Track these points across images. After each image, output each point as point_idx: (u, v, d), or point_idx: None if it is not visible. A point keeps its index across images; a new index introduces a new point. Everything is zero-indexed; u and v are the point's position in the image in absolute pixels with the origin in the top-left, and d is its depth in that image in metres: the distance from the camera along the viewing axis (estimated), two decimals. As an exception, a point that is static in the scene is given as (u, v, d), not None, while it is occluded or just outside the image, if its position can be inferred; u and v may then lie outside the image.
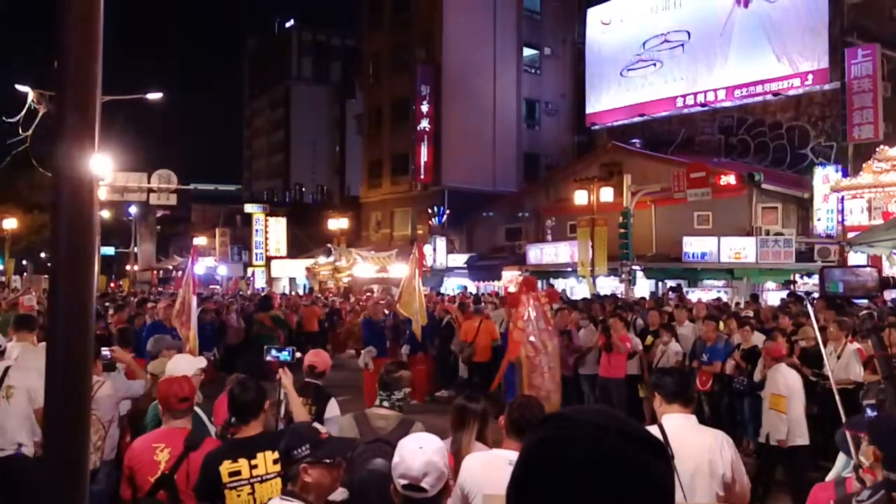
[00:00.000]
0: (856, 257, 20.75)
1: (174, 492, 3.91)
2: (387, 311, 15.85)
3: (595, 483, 0.96)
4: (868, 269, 3.37)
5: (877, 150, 22.14)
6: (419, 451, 2.62)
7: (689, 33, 33.02)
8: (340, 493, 3.29)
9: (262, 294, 24.41)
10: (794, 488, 7.56)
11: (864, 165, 22.71)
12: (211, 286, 37.39)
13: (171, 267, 48.02)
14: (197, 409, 5.05)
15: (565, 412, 1.07)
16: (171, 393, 4.31)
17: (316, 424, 3.25)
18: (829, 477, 4.09)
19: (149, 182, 27.10)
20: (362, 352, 13.30)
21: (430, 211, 34.85)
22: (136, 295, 24.89)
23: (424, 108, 37.33)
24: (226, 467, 3.90)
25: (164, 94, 26.40)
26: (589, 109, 37.64)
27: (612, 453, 0.97)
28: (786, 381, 8.08)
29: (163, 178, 27.67)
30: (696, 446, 3.68)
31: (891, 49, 26.51)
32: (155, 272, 48.08)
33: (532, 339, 7.38)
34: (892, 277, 3.01)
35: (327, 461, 3.04)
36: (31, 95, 19.64)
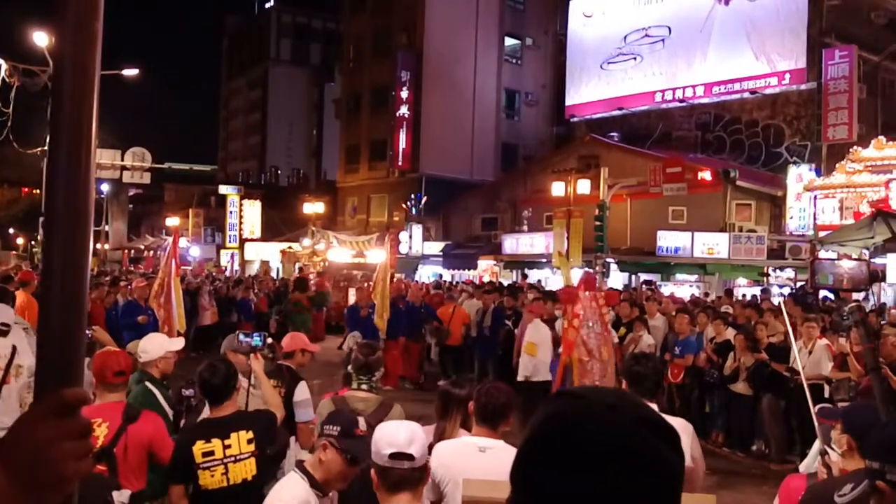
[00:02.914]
0: (826, 256, 21.04)
1: (113, 465, 3.88)
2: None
3: (605, 462, 0.94)
4: (857, 262, 3.42)
5: (850, 150, 22.39)
6: (401, 424, 2.69)
7: (669, 29, 33.17)
8: None
9: (297, 276, 24.25)
10: (527, 416, 7.95)
11: (837, 166, 22.97)
12: (182, 267, 36.96)
13: (142, 246, 47.45)
14: (151, 385, 5.02)
15: (577, 390, 1.07)
16: (106, 366, 4.24)
17: (360, 419, 3.24)
18: (802, 468, 4.16)
19: (122, 159, 26.79)
20: (347, 336, 13.31)
21: (407, 199, 34.78)
22: (108, 274, 24.60)
23: (404, 94, 37.19)
24: (199, 447, 3.92)
25: (140, 70, 26.03)
26: (568, 101, 37.73)
27: (624, 434, 0.96)
28: (538, 333, 10.44)
29: (137, 156, 27.36)
30: None
31: (868, 51, 26.83)
32: (126, 251, 47.48)
33: (586, 341, 6.99)
34: (881, 271, 3.06)
35: (344, 453, 3.06)
36: (3, 68, 19.28)
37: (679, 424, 3.90)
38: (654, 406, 3.93)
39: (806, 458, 4.27)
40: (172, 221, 44.93)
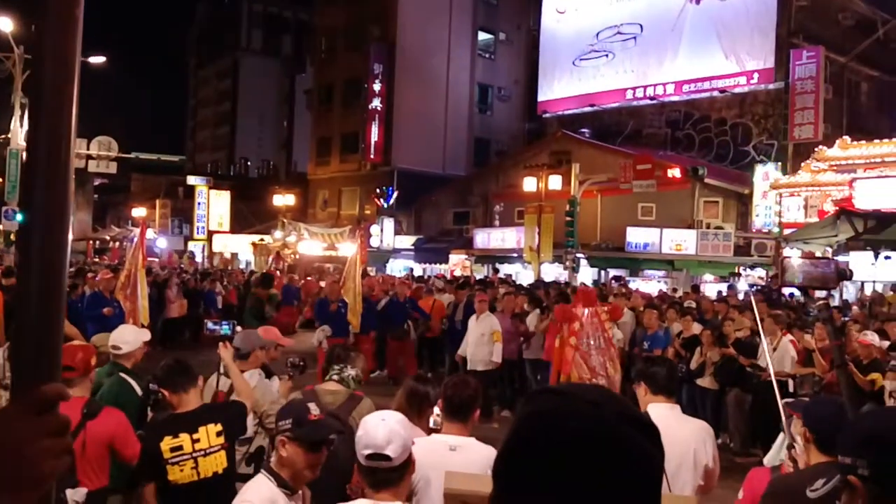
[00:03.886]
0: (790, 253, 21.36)
1: (72, 461, 3.84)
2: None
3: (590, 459, 0.95)
4: (826, 260, 3.48)
5: (815, 150, 22.72)
6: (382, 423, 2.64)
7: (641, 26, 33.39)
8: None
9: (263, 272, 24.12)
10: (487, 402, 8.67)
11: (802, 165, 23.33)
12: (149, 259, 36.51)
13: (108, 237, 46.79)
14: (126, 376, 4.98)
15: (559, 387, 1.07)
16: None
17: (310, 405, 3.21)
18: (766, 462, 4.23)
19: (88, 148, 26.34)
20: (317, 330, 13.27)
21: (378, 191, 34.68)
22: (73, 265, 24.26)
23: (377, 86, 37.03)
24: (166, 443, 3.90)
25: (106, 58, 25.64)
26: (541, 97, 37.84)
27: (609, 430, 0.97)
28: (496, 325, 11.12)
29: (103, 145, 26.93)
30: (682, 437, 3.73)
31: (835, 52, 27.23)
32: (91, 242, 46.77)
33: (587, 360, 6.66)
34: (849, 270, 3.13)
35: (304, 442, 3.02)
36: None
37: (702, 427, 3.93)
38: (677, 406, 3.99)
39: (770, 452, 4.34)
40: (139, 212, 44.41)
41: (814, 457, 2.98)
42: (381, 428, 2.62)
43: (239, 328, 5.38)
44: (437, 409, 3.94)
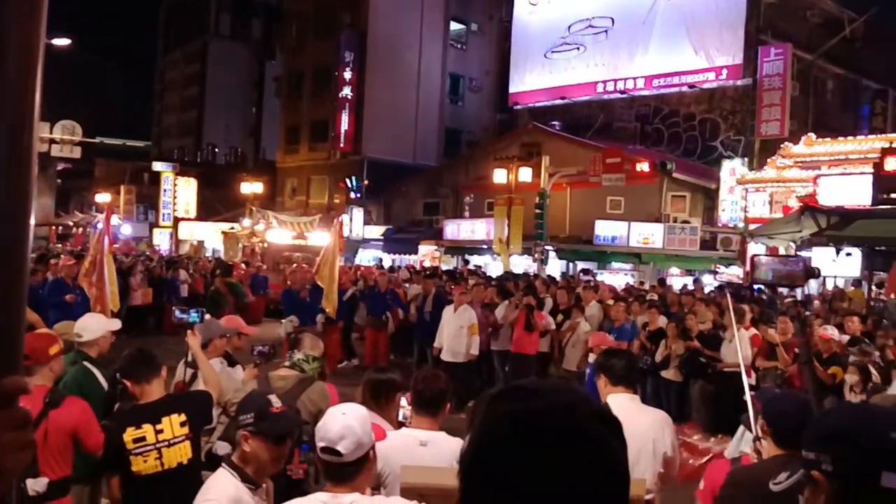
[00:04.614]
0: (755, 248, 21.67)
1: (33, 451, 3.79)
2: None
3: (564, 458, 0.97)
4: (795, 258, 3.53)
5: (781, 146, 23.06)
6: (340, 417, 2.60)
7: (613, 20, 33.53)
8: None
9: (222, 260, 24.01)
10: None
11: (768, 160, 23.65)
12: (113, 245, 35.94)
13: (71, 223, 46.08)
14: (89, 365, 4.92)
15: (529, 385, 1.07)
16: None
17: (271, 397, 3.17)
18: (727, 454, 4.30)
19: (51, 132, 25.85)
20: (283, 321, 13.18)
21: (348, 180, 34.51)
22: (35, 251, 23.84)
23: (347, 75, 36.82)
24: (129, 434, 3.88)
25: (71, 40, 25.17)
26: (512, 89, 37.86)
27: (579, 429, 0.99)
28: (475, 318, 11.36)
29: (67, 130, 26.43)
30: (641, 427, 3.77)
31: (802, 49, 27.57)
32: (54, 228, 45.98)
33: None
34: (817, 268, 3.18)
35: (268, 436, 2.99)
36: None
37: (662, 416, 3.99)
38: (636, 396, 4.05)
39: (730, 444, 4.42)
40: (103, 198, 43.69)
41: (771, 449, 3.03)
42: (337, 423, 2.58)
43: (208, 316, 5.33)
44: (404, 402, 3.94)
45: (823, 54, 27.75)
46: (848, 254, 16.92)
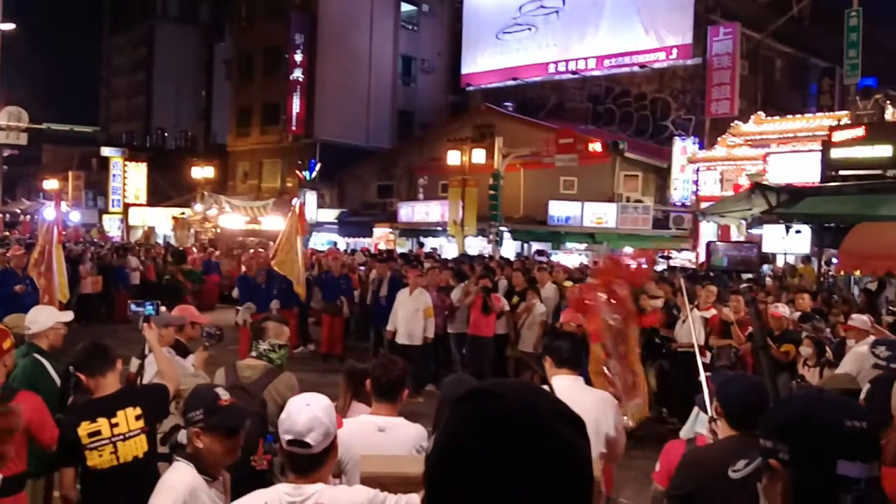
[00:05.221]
0: (707, 226, 22.02)
1: None
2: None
3: (529, 459, 0.99)
4: (749, 244, 3.57)
5: (731, 125, 23.40)
6: (305, 408, 2.58)
7: (563, 0, 33.56)
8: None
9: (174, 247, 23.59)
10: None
11: (719, 139, 23.99)
12: (63, 233, 35.16)
13: (18, 210, 45.00)
14: (40, 357, 4.83)
15: (491, 388, 1.08)
16: None
17: (218, 390, 3.13)
18: (682, 434, 4.36)
19: (-4, 119, 25.19)
20: (240, 308, 13.03)
21: (300, 163, 34.20)
22: (-20, 240, 23.19)
23: (298, 57, 36.37)
24: (84, 428, 3.84)
25: (15, 24, 24.48)
26: (464, 70, 37.77)
27: (544, 431, 1.01)
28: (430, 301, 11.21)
29: (12, 116, 25.81)
30: (583, 407, 3.73)
31: (750, 29, 27.93)
32: (1, 216, 44.85)
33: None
34: (770, 254, 3.22)
35: (220, 430, 2.96)
36: None
37: (605, 397, 4.02)
38: (580, 378, 4.10)
39: (686, 424, 4.48)
40: (51, 184, 42.82)
41: (723, 430, 3.09)
42: (303, 414, 2.56)
43: (163, 308, 5.23)
44: None
45: (772, 33, 28.10)
46: (798, 231, 17.23)
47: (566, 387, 3.80)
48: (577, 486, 1.02)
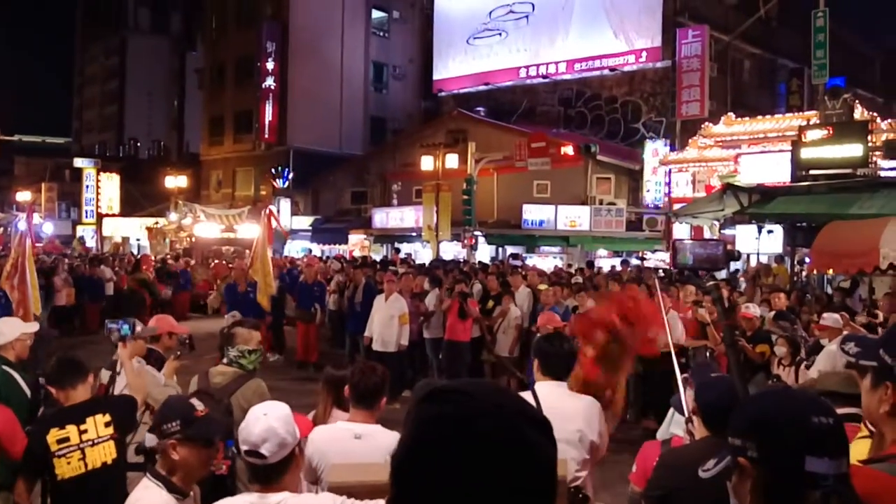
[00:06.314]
0: (680, 227, 22.16)
1: None
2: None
3: (495, 459, 0.99)
4: (715, 242, 3.58)
5: (702, 126, 23.58)
6: (262, 418, 2.55)
7: (533, 5, 33.72)
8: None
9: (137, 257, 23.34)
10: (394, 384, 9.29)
11: (689, 141, 24.18)
12: (36, 245, 34.77)
13: (-10, 223, 44.42)
14: (10, 370, 4.79)
15: (458, 387, 1.08)
16: None
17: (193, 401, 3.08)
18: (658, 435, 4.37)
19: (-36, 131, 24.84)
20: (226, 316, 12.93)
21: (274, 171, 34.04)
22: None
23: (270, 65, 36.24)
24: (53, 435, 3.82)
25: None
26: (436, 76, 37.81)
27: (510, 431, 1.02)
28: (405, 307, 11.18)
29: (-18, 128, 25.48)
30: (568, 415, 3.69)
31: (719, 31, 28.22)
32: (-29, 228, 44.28)
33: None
34: (737, 251, 3.24)
35: (197, 441, 2.92)
36: None
37: (589, 402, 3.95)
38: (564, 384, 3.93)
39: (662, 426, 4.48)
40: (23, 196, 42.31)
41: (699, 430, 3.09)
42: (259, 424, 2.53)
43: (139, 327, 5.14)
44: None
45: (740, 35, 28.39)
46: (770, 231, 17.39)
47: (550, 392, 3.73)
48: (539, 487, 1.03)
